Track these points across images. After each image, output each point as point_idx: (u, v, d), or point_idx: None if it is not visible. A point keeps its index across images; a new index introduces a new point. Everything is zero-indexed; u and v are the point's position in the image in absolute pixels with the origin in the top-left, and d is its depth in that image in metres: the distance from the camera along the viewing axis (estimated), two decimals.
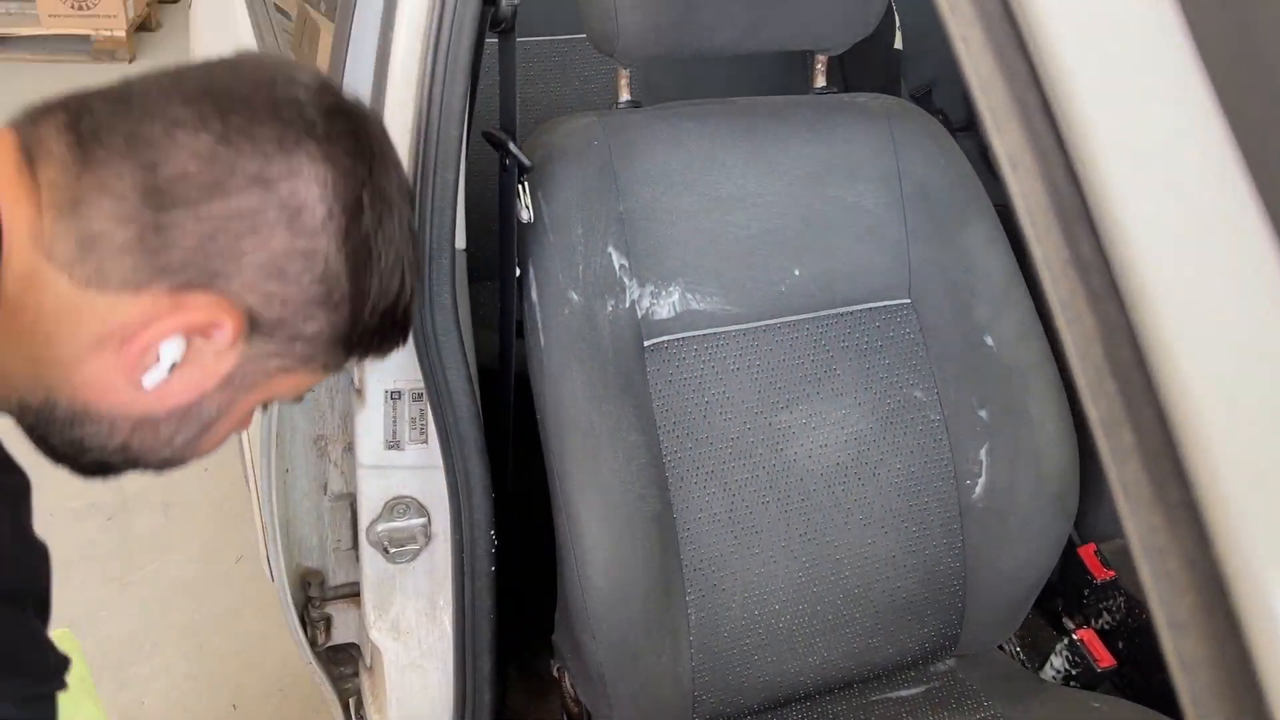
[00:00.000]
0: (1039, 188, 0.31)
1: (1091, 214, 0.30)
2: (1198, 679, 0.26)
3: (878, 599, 1.04)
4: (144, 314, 0.56)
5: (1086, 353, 0.29)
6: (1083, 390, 0.29)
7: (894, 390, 1.05)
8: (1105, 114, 0.31)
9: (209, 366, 0.59)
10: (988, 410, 1.04)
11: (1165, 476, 0.27)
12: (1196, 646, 0.26)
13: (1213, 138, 0.29)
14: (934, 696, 1.06)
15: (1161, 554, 0.27)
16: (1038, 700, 1.04)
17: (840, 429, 1.03)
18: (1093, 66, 0.31)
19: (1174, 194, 0.29)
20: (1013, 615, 1.11)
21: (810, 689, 1.05)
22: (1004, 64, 0.33)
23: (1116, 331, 0.28)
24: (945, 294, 1.06)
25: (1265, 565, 0.26)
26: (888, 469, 1.04)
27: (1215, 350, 0.27)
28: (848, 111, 1.09)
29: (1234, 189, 0.28)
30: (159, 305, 0.56)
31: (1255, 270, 0.28)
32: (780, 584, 1.00)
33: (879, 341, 1.05)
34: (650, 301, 0.99)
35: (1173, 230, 0.29)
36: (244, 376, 0.61)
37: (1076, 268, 0.30)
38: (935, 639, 1.08)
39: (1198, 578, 0.26)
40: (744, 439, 1.01)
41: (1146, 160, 0.30)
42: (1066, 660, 1.22)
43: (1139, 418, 0.28)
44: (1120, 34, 0.32)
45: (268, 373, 0.62)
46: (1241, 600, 0.26)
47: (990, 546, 1.05)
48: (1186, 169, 0.29)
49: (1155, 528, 0.27)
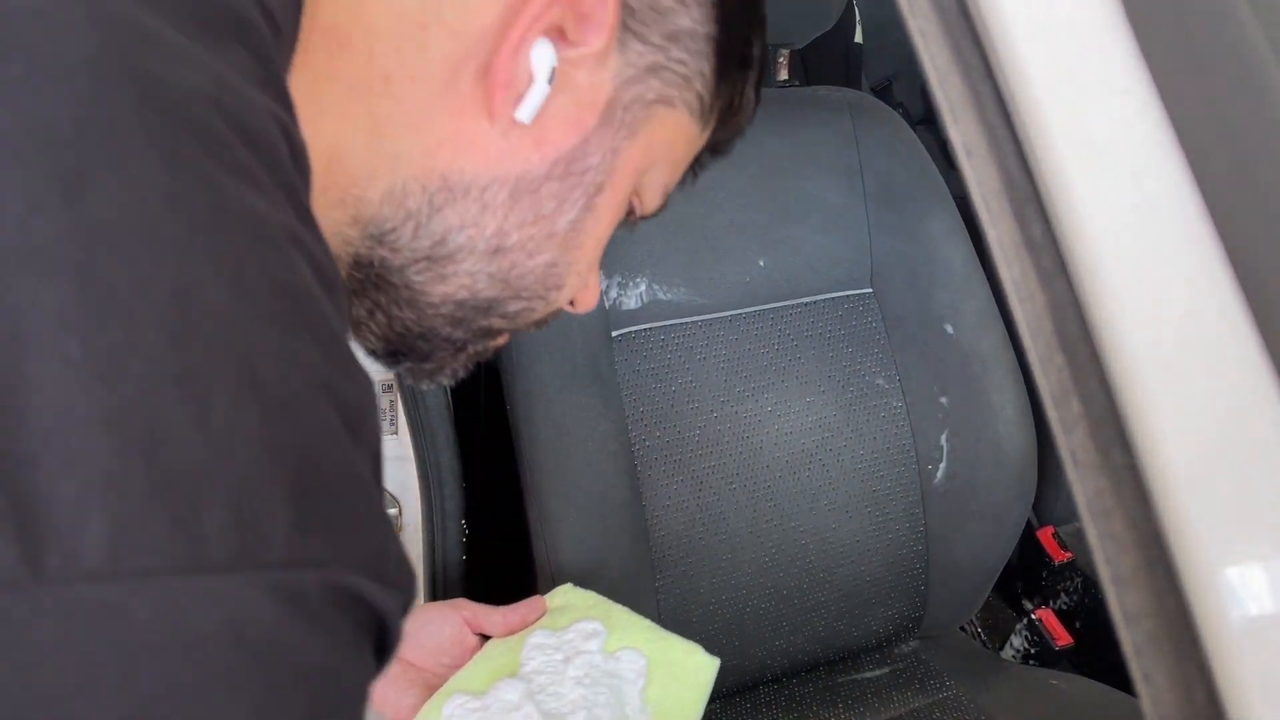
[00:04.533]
0: (993, 174, 0.33)
1: (1042, 198, 0.32)
2: (1139, 629, 0.28)
3: (842, 583, 1.06)
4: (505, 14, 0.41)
5: (1038, 328, 0.31)
6: (1034, 364, 0.31)
7: (857, 378, 1.07)
8: (1055, 104, 0.32)
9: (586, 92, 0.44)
10: (948, 397, 1.07)
11: (1110, 443, 0.29)
12: (1138, 600, 0.28)
13: (1153, 125, 0.31)
14: (898, 677, 1.08)
15: (1107, 516, 0.29)
16: (998, 679, 1.07)
17: (805, 416, 1.05)
18: (1043, 60, 0.33)
19: (1118, 178, 0.31)
20: (974, 597, 1.13)
21: (777, 672, 1.07)
22: (960, 57, 0.34)
23: (1065, 307, 0.30)
24: (906, 284, 1.08)
25: (1201, 523, 0.28)
26: (851, 455, 1.06)
27: (1156, 323, 0.29)
28: (810, 105, 1.11)
29: (1172, 173, 0.30)
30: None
31: (1193, 248, 0.30)
32: (747, 569, 1.02)
33: (842, 330, 1.08)
34: (618, 293, 1.00)
35: (1117, 212, 0.31)
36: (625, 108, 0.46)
37: (1028, 248, 0.31)
38: (899, 621, 1.10)
39: (1139, 536, 0.28)
40: (711, 427, 1.02)
41: (1093, 147, 0.32)
42: (1026, 640, 1.26)
43: (1085, 388, 0.30)
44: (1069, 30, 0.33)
45: (648, 103, 0.47)
46: (1179, 556, 0.28)
47: (952, 530, 1.08)
48: (1130, 155, 0.31)
49: (1101, 491, 0.29)
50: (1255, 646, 0.27)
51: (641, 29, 0.45)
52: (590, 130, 0.45)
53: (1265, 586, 0.28)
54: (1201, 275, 0.30)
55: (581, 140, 0.45)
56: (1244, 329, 0.30)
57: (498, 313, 0.49)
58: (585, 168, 0.46)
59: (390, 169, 0.42)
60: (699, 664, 0.77)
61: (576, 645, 0.75)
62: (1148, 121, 0.31)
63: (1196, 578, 0.28)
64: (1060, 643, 1.20)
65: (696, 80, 0.49)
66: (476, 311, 0.49)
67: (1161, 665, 0.28)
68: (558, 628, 0.78)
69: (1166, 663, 0.28)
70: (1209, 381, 0.29)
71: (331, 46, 0.39)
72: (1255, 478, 0.29)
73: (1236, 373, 0.29)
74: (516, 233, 0.45)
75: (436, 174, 0.43)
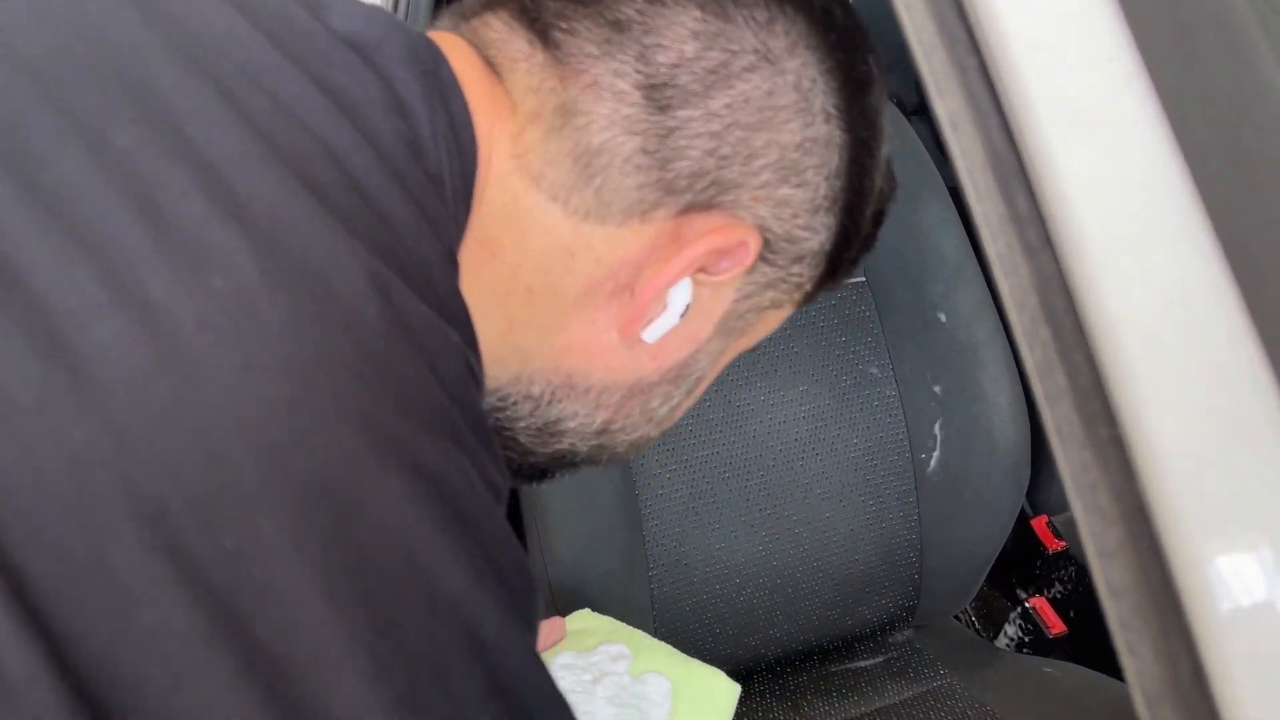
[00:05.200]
0: (978, 147, 0.32)
1: (1027, 171, 0.31)
2: (1124, 602, 0.28)
3: (836, 572, 1.06)
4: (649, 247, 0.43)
5: (1023, 303, 0.31)
6: (1019, 337, 0.31)
7: (850, 367, 1.07)
8: (1040, 77, 0.32)
9: (707, 308, 0.47)
10: (942, 386, 1.07)
11: (1095, 416, 0.29)
12: (1123, 573, 0.28)
13: (1138, 96, 0.30)
14: (892, 666, 1.08)
15: (1092, 489, 0.29)
16: (993, 667, 1.07)
17: (798, 406, 1.05)
18: (1028, 32, 0.33)
19: (1104, 150, 0.31)
20: (968, 586, 1.13)
21: (772, 661, 1.07)
22: (945, 30, 0.34)
23: (1050, 280, 0.30)
24: (900, 273, 1.08)
25: (1186, 495, 0.28)
26: (845, 445, 1.06)
27: (1142, 296, 0.29)
28: None
29: (1158, 144, 0.30)
30: (663, 234, 0.43)
31: (1179, 220, 0.30)
32: (741, 559, 1.02)
33: (835, 320, 1.07)
34: None
35: (1103, 184, 0.30)
36: (739, 317, 0.49)
37: (1013, 222, 0.31)
38: (893, 610, 1.10)
39: (1124, 509, 0.28)
40: (704, 417, 1.02)
41: (1078, 120, 0.31)
42: (1020, 628, 1.26)
43: (1070, 362, 0.30)
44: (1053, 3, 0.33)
45: (760, 309, 0.50)
46: (1164, 529, 0.28)
47: (945, 519, 1.08)
48: (1116, 127, 0.31)
49: (1086, 464, 0.29)
50: (1240, 620, 0.27)
51: (773, 257, 0.47)
52: (703, 341, 0.49)
53: (1249, 559, 0.28)
54: (1188, 248, 0.30)
55: (694, 352, 0.49)
56: (1231, 302, 0.30)
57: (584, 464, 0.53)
58: (692, 370, 0.50)
59: (519, 361, 0.46)
60: (722, 689, 0.78)
61: (604, 667, 0.77)
62: (1132, 92, 0.31)
63: (1182, 551, 0.27)
64: (1054, 631, 1.20)
65: (809, 284, 0.51)
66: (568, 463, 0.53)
67: (1146, 638, 0.28)
68: (584, 649, 0.79)
69: (1151, 635, 0.28)
70: (1195, 355, 0.29)
71: (485, 257, 0.42)
72: (1241, 452, 0.28)
73: (1223, 346, 0.29)
74: (621, 421, 0.50)
75: (562, 372, 0.46)
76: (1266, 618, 0.27)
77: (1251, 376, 0.28)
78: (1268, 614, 0.27)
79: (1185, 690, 0.27)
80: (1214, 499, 0.28)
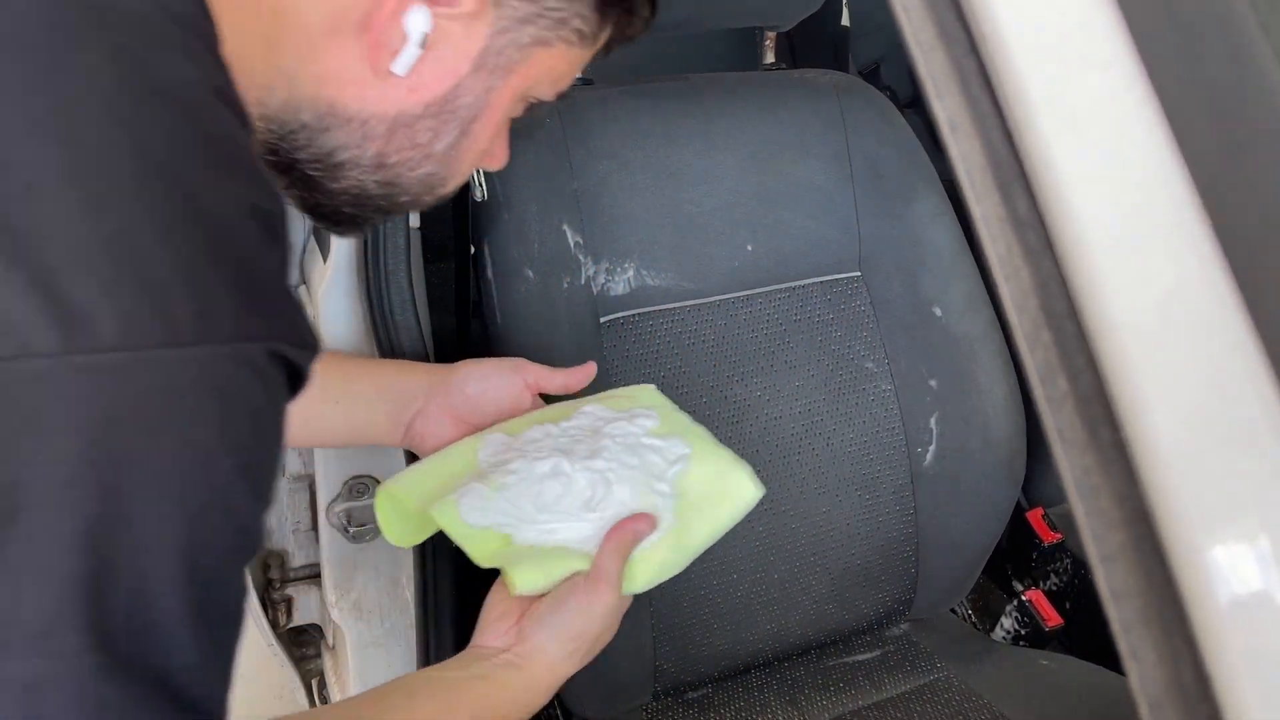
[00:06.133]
0: (978, 149, 0.32)
1: (1027, 173, 0.31)
2: (1127, 606, 0.28)
3: (833, 566, 1.06)
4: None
5: (1024, 305, 0.31)
6: (1020, 341, 0.31)
7: (846, 362, 1.07)
8: (1039, 79, 0.32)
9: (459, 44, 0.51)
10: (937, 380, 1.07)
11: (1097, 420, 0.29)
12: (1126, 577, 0.28)
13: (1138, 98, 0.30)
14: (889, 660, 1.08)
15: (1095, 493, 0.29)
16: (989, 660, 1.07)
17: (794, 401, 1.05)
18: (1027, 34, 0.33)
19: (1104, 153, 0.31)
20: (964, 579, 1.14)
21: (769, 655, 1.07)
22: (944, 32, 0.34)
23: (1051, 284, 0.30)
24: (895, 267, 1.08)
25: (1188, 499, 0.28)
26: (841, 439, 1.06)
27: (1143, 299, 0.29)
28: (797, 88, 1.11)
29: (1158, 147, 0.30)
30: None
31: (1179, 222, 0.30)
32: (738, 554, 1.02)
33: (830, 314, 1.07)
34: (605, 278, 0.99)
35: (1103, 187, 0.30)
36: (499, 53, 0.53)
37: (1013, 225, 0.31)
38: (889, 604, 1.10)
39: (1127, 513, 0.28)
40: (701, 412, 1.02)
41: (1078, 122, 0.31)
42: (1016, 621, 1.26)
43: (1072, 365, 0.30)
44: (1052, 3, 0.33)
45: (522, 46, 0.54)
46: (1166, 532, 0.28)
47: (941, 513, 1.08)
48: (1115, 129, 0.31)
49: (1088, 468, 0.29)
50: (1242, 622, 0.27)
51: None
52: (463, 76, 0.53)
53: (1252, 563, 0.28)
54: (1188, 250, 0.30)
55: (454, 86, 0.53)
56: (1231, 304, 0.30)
57: (389, 204, 0.58)
58: (458, 106, 0.54)
59: (286, 86, 0.50)
60: (741, 483, 0.74)
61: (624, 424, 0.75)
62: (1132, 95, 0.31)
63: (1184, 554, 0.28)
64: (1050, 624, 1.20)
65: (574, 19, 0.55)
66: (370, 202, 0.57)
67: (1149, 641, 0.28)
68: (616, 407, 0.77)
69: (1154, 639, 0.28)
70: (1196, 358, 0.29)
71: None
72: (1242, 454, 0.28)
73: (1223, 349, 0.29)
74: (396, 155, 0.54)
75: (324, 101, 0.51)
76: (1268, 620, 0.27)
77: (1254, 380, 0.28)
78: (1270, 616, 0.27)
79: (1188, 694, 0.27)
80: (1217, 502, 0.28)
